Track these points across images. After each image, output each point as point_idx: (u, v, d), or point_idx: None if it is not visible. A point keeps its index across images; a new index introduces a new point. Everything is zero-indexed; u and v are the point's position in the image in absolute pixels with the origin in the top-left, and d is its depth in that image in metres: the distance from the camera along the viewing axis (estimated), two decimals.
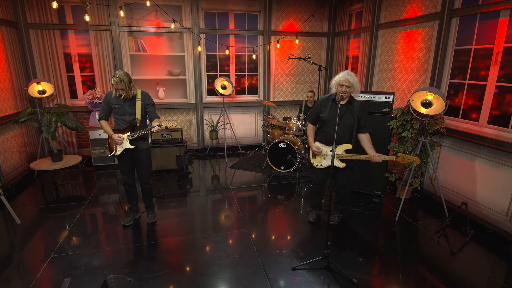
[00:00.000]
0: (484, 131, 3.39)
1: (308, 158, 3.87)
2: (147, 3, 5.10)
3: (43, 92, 4.87)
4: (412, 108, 3.55)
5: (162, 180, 4.83)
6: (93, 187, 4.56)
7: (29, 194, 4.32)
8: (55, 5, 4.43)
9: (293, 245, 3.11)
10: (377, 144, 3.16)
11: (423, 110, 3.43)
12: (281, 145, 4.93)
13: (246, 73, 6.33)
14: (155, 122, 3.08)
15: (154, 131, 3.06)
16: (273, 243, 3.17)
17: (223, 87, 5.59)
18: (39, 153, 5.16)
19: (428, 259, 2.92)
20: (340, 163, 3.09)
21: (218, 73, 6.14)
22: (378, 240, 3.28)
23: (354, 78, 2.94)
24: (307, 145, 3.32)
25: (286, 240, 3.25)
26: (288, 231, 3.42)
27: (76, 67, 5.42)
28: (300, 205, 4.05)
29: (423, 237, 3.33)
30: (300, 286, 2.53)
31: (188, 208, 4.03)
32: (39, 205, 3.97)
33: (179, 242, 3.15)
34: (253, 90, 6.46)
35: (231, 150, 6.30)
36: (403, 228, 3.48)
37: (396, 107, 4.10)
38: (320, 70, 5.67)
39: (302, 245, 3.12)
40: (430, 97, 3.38)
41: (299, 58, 5.73)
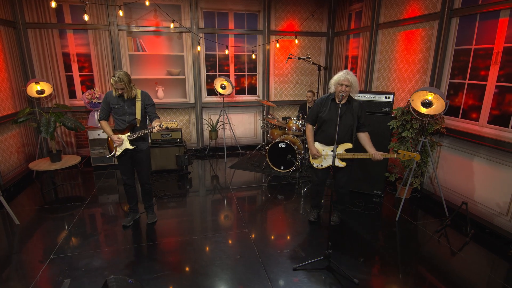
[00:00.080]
0: (484, 131, 3.40)
1: (307, 158, 3.86)
2: (146, 3, 5.08)
3: (41, 92, 4.84)
4: (412, 108, 3.55)
5: (161, 180, 4.81)
6: (92, 187, 4.54)
7: (27, 194, 4.30)
8: (53, 4, 4.40)
9: (293, 245, 3.11)
10: (377, 144, 3.16)
11: (423, 110, 3.43)
12: (281, 145, 4.92)
13: (246, 73, 6.32)
14: (156, 122, 3.07)
15: (154, 131, 3.04)
16: (274, 243, 3.16)
17: (223, 87, 5.58)
18: (38, 153, 5.13)
19: (428, 259, 2.92)
20: (341, 163, 3.09)
21: (218, 73, 6.13)
22: (378, 240, 3.28)
23: (353, 78, 2.95)
24: (307, 145, 3.31)
25: (286, 240, 3.24)
26: (288, 231, 3.41)
27: (74, 66, 5.40)
28: (300, 205, 4.04)
29: (423, 237, 3.34)
30: (301, 286, 2.52)
31: (188, 208, 4.02)
32: (38, 206, 3.95)
33: (179, 243, 3.14)
34: (252, 90, 6.45)
35: (230, 150, 6.29)
36: (404, 228, 3.48)
37: (396, 107, 4.10)
38: (320, 70, 5.67)
39: (302, 245, 3.12)
40: (430, 97, 3.38)
41: (299, 58, 5.73)
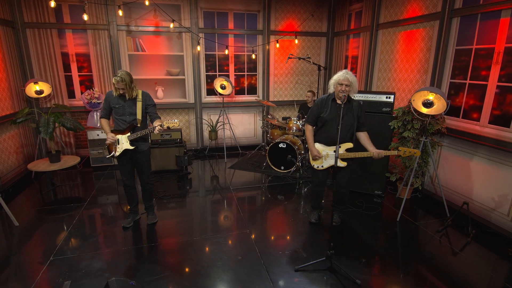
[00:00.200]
0: (485, 131, 3.40)
1: (308, 159, 3.85)
2: (146, 2, 5.06)
3: (40, 92, 4.81)
4: (413, 108, 3.54)
5: (161, 180, 4.79)
6: (91, 188, 4.51)
7: (26, 195, 4.27)
8: (52, 4, 4.36)
9: (294, 246, 3.10)
10: (378, 144, 3.16)
11: (424, 110, 3.43)
12: (281, 145, 4.91)
13: (246, 73, 6.30)
14: (156, 122, 3.05)
15: (156, 131, 3.02)
16: (275, 244, 3.15)
17: (222, 87, 5.56)
18: (37, 154, 5.10)
19: (430, 259, 2.92)
20: (342, 163, 3.08)
21: (217, 73, 6.11)
22: (380, 240, 3.27)
23: (353, 77, 2.95)
24: (307, 146, 3.30)
25: (287, 241, 3.23)
26: (289, 231, 3.40)
27: (73, 66, 5.37)
28: (300, 205, 4.03)
29: (424, 237, 3.33)
30: (303, 287, 2.51)
31: (188, 209, 4.00)
32: (37, 207, 3.92)
33: (180, 244, 3.12)
34: (252, 90, 6.44)
35: (230, 150, 6.28)
36: (405, 228, 3.48)
37: (396, 107, 4.10)
38: (320, 70, 5.66)
39: (304, 246, 3.10)
40: (431, 97, 3.37)
41: (299, 58, 5.72)
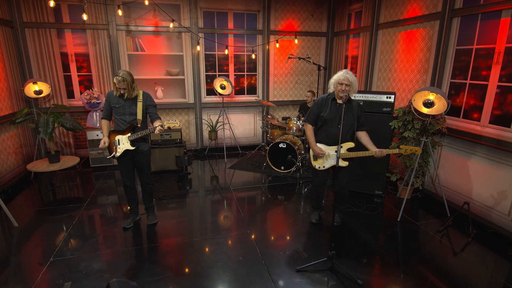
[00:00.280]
0: (485, 131, 3.40)
1: (308, 159, 3.85)
2: (146, 2, 5.05)
3: (39, 92, 4.79)
4: (414, 108, 3.54)
5: (161, 181, 4.77)
6: (91, 188, 4.50)
7: (26, 196, 4.25)
8: (52, 3, 4.35)
9: (295, 246, 3.09)
10: (378, 144, 3.14)
11: (425, 110, 3.43)
12: (281, 145, 4.90)
13: (245, 73, 6.30)
14: (157, 122, 3.04)
15: (156, 132, 3.00)
16: (275, 244, 3.14)
17: (222, 87, 5.55)
18: (36, 154, 5.07)
19: (430, 259, 2.91)
20: (344, 162, 3.08)
21: (217, 73, 6.10)
22: (380, 240, 3.27)
23: (353, 77, 2.95)
24: (307, 145, 3.29)
25: (288, 241, 3.22)
26: (290, 232, 3.40)
27: (73, 66, 5.35)
28: (300, 205, 4.02)
29: (425, 237, 3.33)
30: None
31: (188, 209, 3.99)
32: (37, 207, 3.90)
33: (180, 244, 3.11)
34: (252, 90, 6.43)
35: (230, 151, 6.27)
36: (405, 228, 3.47)
37: (396, 107, 4.10)
38: (320, 70, 5.66)
39: (305, 246, 3.10)
40: (432, 97, 3.37)
41: (299, 58, 5.71)
